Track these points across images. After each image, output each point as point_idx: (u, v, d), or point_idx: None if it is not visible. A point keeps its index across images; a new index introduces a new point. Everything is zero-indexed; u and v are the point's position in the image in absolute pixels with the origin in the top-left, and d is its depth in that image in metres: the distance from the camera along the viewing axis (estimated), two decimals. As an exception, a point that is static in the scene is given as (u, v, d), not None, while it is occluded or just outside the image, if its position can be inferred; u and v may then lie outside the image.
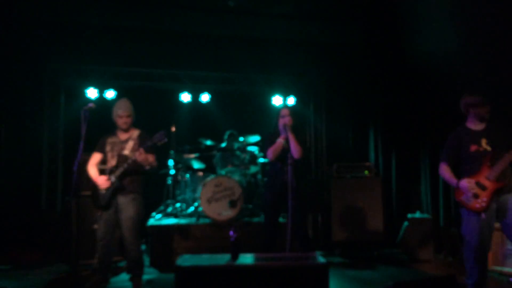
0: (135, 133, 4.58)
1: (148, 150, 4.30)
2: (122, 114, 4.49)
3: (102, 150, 4.52)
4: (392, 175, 7.04)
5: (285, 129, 4.49)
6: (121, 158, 4.38)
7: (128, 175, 4.38)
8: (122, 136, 4.55)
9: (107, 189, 4.32)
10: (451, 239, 5.82)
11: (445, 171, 4.03)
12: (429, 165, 6.53)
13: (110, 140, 4.53)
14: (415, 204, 6.72)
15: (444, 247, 5.99)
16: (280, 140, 4.52)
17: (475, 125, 3.94)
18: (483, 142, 3.83)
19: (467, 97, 3.93)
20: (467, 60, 5.36)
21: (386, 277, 5.02)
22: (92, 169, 4.46)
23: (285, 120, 4.53)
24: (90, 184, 4.46)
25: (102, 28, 6.63)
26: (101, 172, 4.48)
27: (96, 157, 4.52)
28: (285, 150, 4.50)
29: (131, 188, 4.41)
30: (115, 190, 4.34)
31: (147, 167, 4.43)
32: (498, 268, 4.93)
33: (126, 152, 4.42)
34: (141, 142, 4.47)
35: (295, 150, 4.46)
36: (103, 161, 4.53)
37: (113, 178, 4.32)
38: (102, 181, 4.32)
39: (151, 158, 4.39)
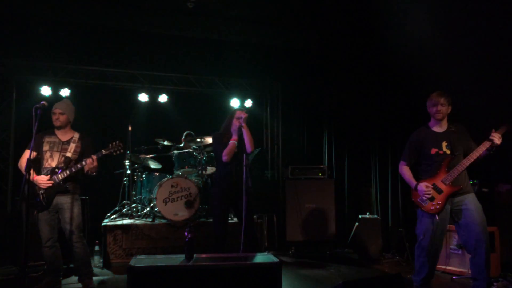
0: (76, 134, 4.50)
1: (98, 157, 4.27)
2: (55, 110, 4.43)
3: (37, 148, 4.36)
4: (345, 177, 7.23)
5: (239, 129, 4.54)
6: (65, 160, 4.32)
7: (71, 178, 4.33)
8: (62, 136, 4.45)
9: (47, 189, 4.23)
10: (398, 239, 6.07)
11: (405, 171, 4.19)
12: (379, 169, 6.77)
13: (48, 139, 4.42)
14: (366, 205, 6.94)
15: (392, 247, 6.23)
16: (233, 142, 4.57)
17: (436, 127, 4.08)
18: (444, 145, 3.98)
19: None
20: (418, 65, 5.55)
21: (337, 276, 5.15)
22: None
23: (240, 121, 4.57)
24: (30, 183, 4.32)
25: (57, 24, 6.45)
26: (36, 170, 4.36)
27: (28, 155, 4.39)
28: (238, 151, 4.57)
29: (73, 189, 4.38)
30: (57, 191, 4.26)
31: (93, 174, 4.38)
32: (442, 267, 5.16)
33: (69, 154, 4.36)
34: (85, 147, 4.44)
35: (250, 144, 4.54)
36: (37, 160, 4.38)
37: (56, 179, 4.24)
38: (44, 181, 4.21)
39: (97, 164, 4.33)
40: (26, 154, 4.36)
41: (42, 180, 4.20)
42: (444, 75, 5.19)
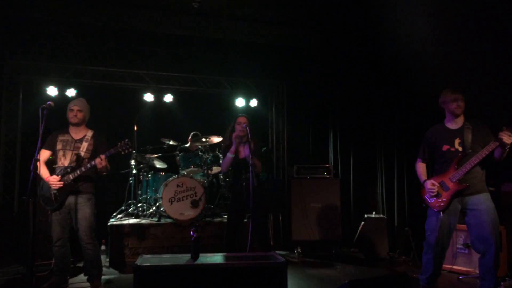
0: (89, 133, 4.50)
1: (107, 156, 4.26)
2: (73, 107, 4.43)
3: (51, 147, 4.40)
4: (350, 177, 7.21)
5: (235, 141, 4.57)
6: (77, 159, 4.31)
7: (83, 177, 4.32)
8: (75, 134, 4.45)
9: (60, 189, 4.23)
10: (404, 238, 6.04)
11: (418, 167, 4.20)
12: (385, 168, 6.74)
13: (61, 137, 4.42)
14: (372, 205, 6.93)
15: (398, 246, 6.20)
16: (229, 156, 4.60)
17: (451, 124, 4.04)
18: (456, 142, 3.93)
19: (441, 95, 4.02)
20: (423, 64, 5.53)
21: (343, 275, 5.15)
22: (42, 168, 4.32)
23: (236, 132, 4.61)
24: (40, 183, 4.36)
25: (63, 25, 6.47)
26: (50, 170, 4.40)
27: (44, 154, 4.40)
28: (237, 161, 4.61)
29: (86, 189, 4.36)
30: (70, 191, 4.27)
31: (103, 173, 4.38)
32: (449, 266, 5.14)
33: (81, 153, 4.35)
34: (99, 145, 4.43)
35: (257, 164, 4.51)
36: (52, 159, 4.43)
37: (68, 179, 4.24)
38: (54, 181, 4.21)
39: (107, 164, 4.32)
40: (43, 154, 4.40)
41: (53, 180, 4.21)
42: (449, 73, 5.18)
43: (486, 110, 4.59)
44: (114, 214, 6.32)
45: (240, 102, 7.67)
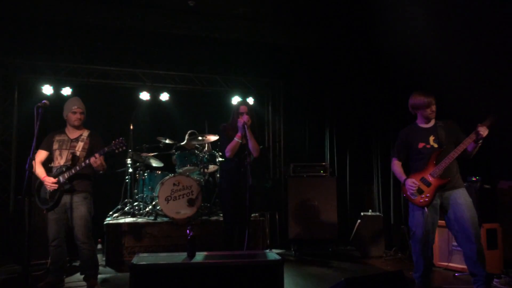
0: (85, 132, 4.49)
1: (101, 154, 4.24)
2: (76, 109, 4.41)
3: (48, 148, 4.39)
4: (347, 175, 7.22)
5: (243, 128, 4.52)
6: (73, 158, 4.30)
7: (80, 175, 4.31)
8: (71, 134, 4.44)
9: (56, 189, 4.22)
10: (400, 236, 6.07)
11: (396, 166, 4.28)
12: (381, 166, 6.76)
13: (58, 137, 4.41)
14: (368, 203, 6.94)
15: (394, 244, 6.22)
16: (236, 140, 4.58)
17: (424, 124, 4.16)
18: (431, 139, 4.05)
19: (412, 99, 4.15)
20: (417, 61, 5.56)
21: (339, 273, 5.16)
22: (39, 168, 4.31)
23: (244, 119, 4.53)
24: (36, 183, 4.36)
25: (58, 23, 6.44)
26: (47, 169, 4.38)
27: (41, 155, 4.39)
28: (242, 147, 4.57)
29: (82, 188, 4.34)
30: (65, 190, 4.25)
31: (100, 171, 4.36)
32: (445, 264, 5.17)
33: (77, 152, 4.34)
34: (94, 144, 4.42)
35: (254, 149, 4.55)
36: (49, 159, 4.42)
37: (62, 179, 4.22)
38: (50, 181, 4.20)
39: (102, 162, 4.31)
40: (39, 154, 4.39)
41: (48, 182, 4.20)
42: (442, 72, 5.21)
43: (481, 109, 4.63)
44: (110, 213, 6.31)
45: (236, 100, 7.66)
